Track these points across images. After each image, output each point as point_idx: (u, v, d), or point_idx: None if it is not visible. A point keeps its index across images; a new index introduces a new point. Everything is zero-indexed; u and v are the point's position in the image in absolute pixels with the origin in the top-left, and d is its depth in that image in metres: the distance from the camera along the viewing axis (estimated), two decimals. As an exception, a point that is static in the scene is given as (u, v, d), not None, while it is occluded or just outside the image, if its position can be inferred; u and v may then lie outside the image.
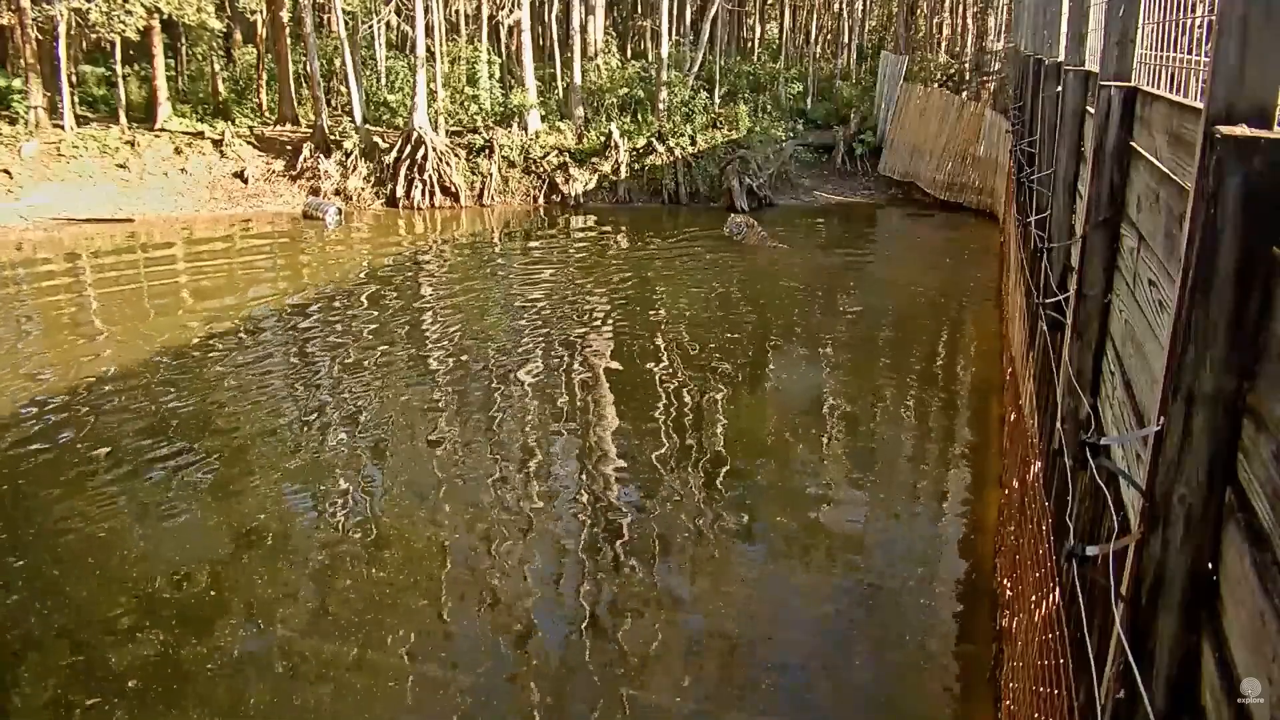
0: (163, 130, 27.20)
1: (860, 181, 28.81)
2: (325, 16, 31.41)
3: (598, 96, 29.49)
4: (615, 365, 13.71)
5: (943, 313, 16.90)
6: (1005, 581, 6.61)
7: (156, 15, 26.02)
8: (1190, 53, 3.48)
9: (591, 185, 27.00)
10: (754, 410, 12.09)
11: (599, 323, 15.95)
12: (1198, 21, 3.39)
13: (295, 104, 30.13)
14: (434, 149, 26.10)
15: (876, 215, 26.67)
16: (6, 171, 23.83)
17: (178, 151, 26.21)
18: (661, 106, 28.58)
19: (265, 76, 31.09)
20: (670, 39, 30.42)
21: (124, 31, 25.46)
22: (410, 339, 15.08)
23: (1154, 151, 3.73)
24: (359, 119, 27.57)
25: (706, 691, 6.58)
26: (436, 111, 27.02)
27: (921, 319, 16.40)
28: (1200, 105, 2.42)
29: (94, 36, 28.11)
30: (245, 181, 26.16)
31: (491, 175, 26.70)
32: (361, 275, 19.31)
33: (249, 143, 27.24)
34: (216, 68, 31.09)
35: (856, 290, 18.55)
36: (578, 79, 28.76)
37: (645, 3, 40.52)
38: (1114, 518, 3.50)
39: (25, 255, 20.49)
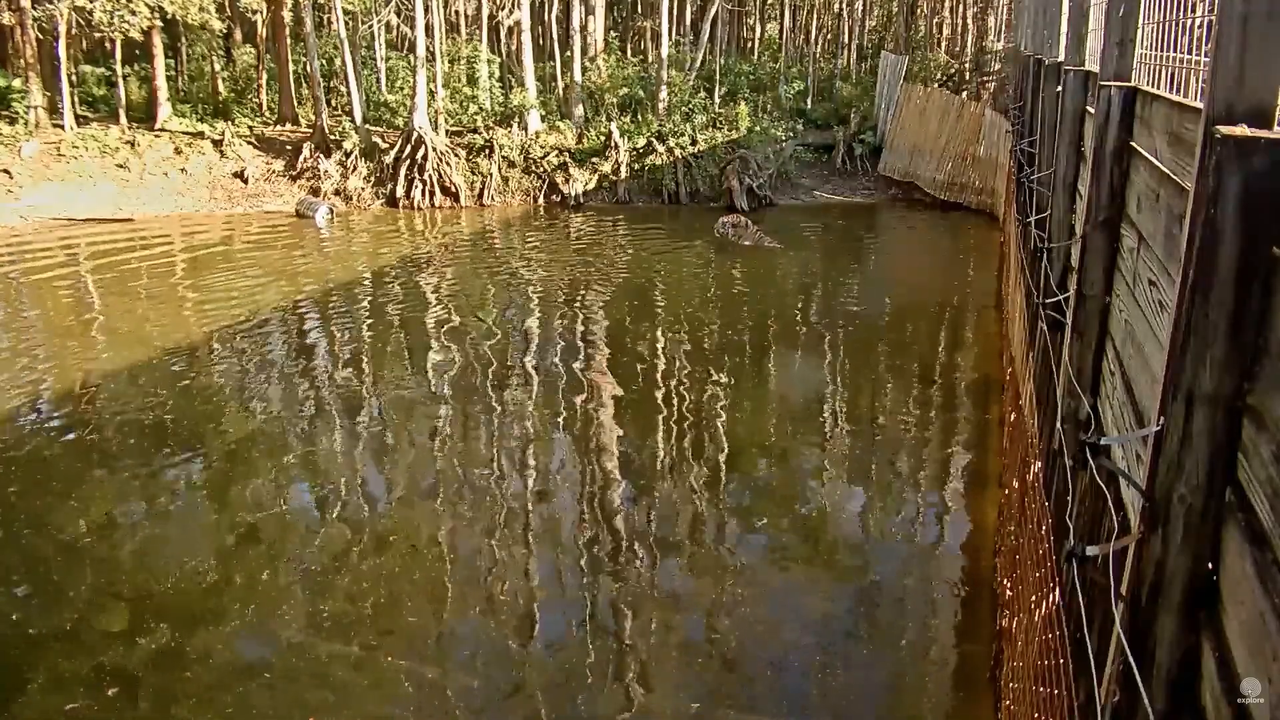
0: (163, 130, 27.20)
1: (860, 181, 28.81)
2: (325, 16, 31.40)
3: (598, 96, 29.47)
4: (615, 363, 13.69)
5: (942, 312, 16.89)
6: (1005, 581, 6.61)
7: (159, 15, 26.01)
8: (1190, 53, 3.48)
9: (591, 185, 26.98)
10: (754, 409, 12.09)
11: (599, 322, 15.96)
12: (1198, 21, 3.39)
13: (295, 104, 30.13)
14: (434, 149, 26.09)
15: (876, 215, 26.66)
16: (6, 171, 23.83)
17: (178, 151, 26.22)
18: (661, 106, 28.57)
19: (265, 76, 31.09)
20: (670, 39, 30.42)
21: (128, 32, 25.47)
22: (409, 338, 15.09)
23: (1154, 151, 3.73)
24: (359, 119, 27.57)
25: (706, 691, 6.57)
26: (436, 111, 27.01)
27: (921, 318, 16.40)
28: (1200, 105, 2.42)
29: (97, 36, 28.11)
30: (245, 181, 26.17)
31: (491, 175, 26.70)
32: (361, 274, 19.32)
33: (249, 143, 27.25)
34: (216, 68, 31.09)
35: (856, 290, 18.56)
36: (578, 79, 28.76)
37: (645, 3, 40.51)
38: (1114, 518, 3.50)
39: (25, 255, 20.47)
